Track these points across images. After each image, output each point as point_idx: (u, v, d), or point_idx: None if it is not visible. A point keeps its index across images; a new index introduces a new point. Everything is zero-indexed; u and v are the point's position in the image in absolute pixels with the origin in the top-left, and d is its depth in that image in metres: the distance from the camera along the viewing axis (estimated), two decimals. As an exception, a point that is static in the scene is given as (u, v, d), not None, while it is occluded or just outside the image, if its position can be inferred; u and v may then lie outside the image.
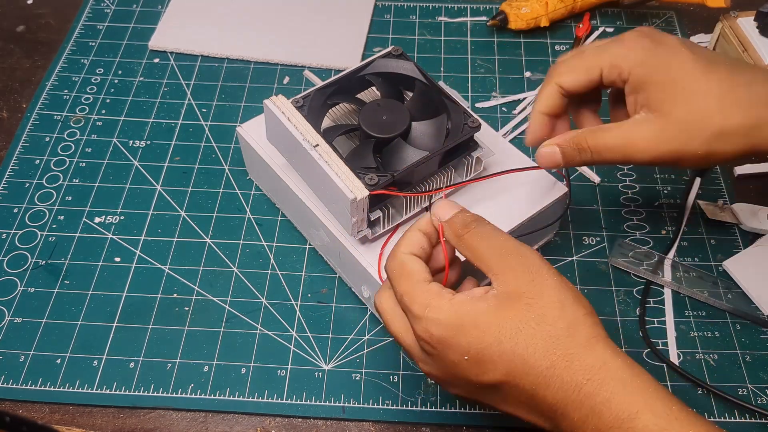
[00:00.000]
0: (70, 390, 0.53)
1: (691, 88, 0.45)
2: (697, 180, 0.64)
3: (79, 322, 0.56)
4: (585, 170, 0.65)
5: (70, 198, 0.64)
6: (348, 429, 0.52)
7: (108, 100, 0.72)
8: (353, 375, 0.54)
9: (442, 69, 0.74)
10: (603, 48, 0.48)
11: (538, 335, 0.37)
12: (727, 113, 0.44)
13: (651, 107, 0.46)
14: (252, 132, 0.59)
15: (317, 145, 0.49)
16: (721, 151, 0.45)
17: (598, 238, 0.61)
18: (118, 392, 0.53)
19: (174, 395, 0.53)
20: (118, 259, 0.60)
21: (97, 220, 0.63)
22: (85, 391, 0.53)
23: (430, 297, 0.39)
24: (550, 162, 0.48)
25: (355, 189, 0.47)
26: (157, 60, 0.76)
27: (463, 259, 0.44)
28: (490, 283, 0.40)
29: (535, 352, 0.37)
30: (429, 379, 0.53)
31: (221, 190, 0.65)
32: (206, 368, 0.54)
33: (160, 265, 0.60)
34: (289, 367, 0.54)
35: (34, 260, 0.60)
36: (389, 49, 0.56)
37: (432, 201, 0.47)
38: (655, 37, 0.47)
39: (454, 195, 0.55)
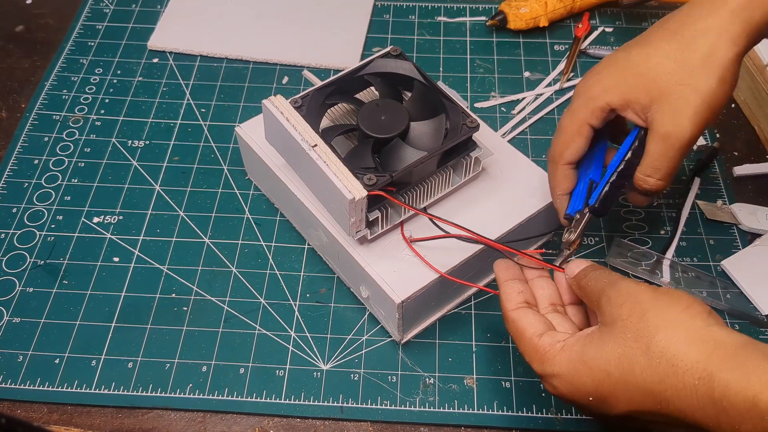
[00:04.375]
0: (69, 390, 0.53)
1: None
2: (696, 180, 0.64)
3: (78, 322, 0.56)
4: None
5: (68, 198, 0.64)
6: (346, 429, 0.51)
7: (107, 100, 0.72)
8: (352, 375, 0.54)
9: (441, 69, 0.74)
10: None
11: (638, 353, 0.37)
12: None
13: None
14: (251, 132, 0.59)
15: (316, 145, 0.49)
16: None
17: (596, 238, 0.61)
18: (116, 392, 0.53)
19: (172, 395, 0.53)
20: (116, 259, 0.60)
21: (95, 220, 0.63)
22: (83, 391, 0.53)
23: (543, 353, 0.41)
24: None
25: (354, 189, 0.47)
26: (156, 60, 0.76)
27: None
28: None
29: (642, 371, 0.37)
30: (427, 381, 0.53)
31: (220, 190, 0.65)
32: (204, 368, 0.54)
33: (158, 265, 0.60)
34: (288, 367, 0.54)
35: (32, 260, 0.60)
36: (388, 49, 0.56)
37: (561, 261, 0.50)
38: None
39: (454, 194, 0.55)
